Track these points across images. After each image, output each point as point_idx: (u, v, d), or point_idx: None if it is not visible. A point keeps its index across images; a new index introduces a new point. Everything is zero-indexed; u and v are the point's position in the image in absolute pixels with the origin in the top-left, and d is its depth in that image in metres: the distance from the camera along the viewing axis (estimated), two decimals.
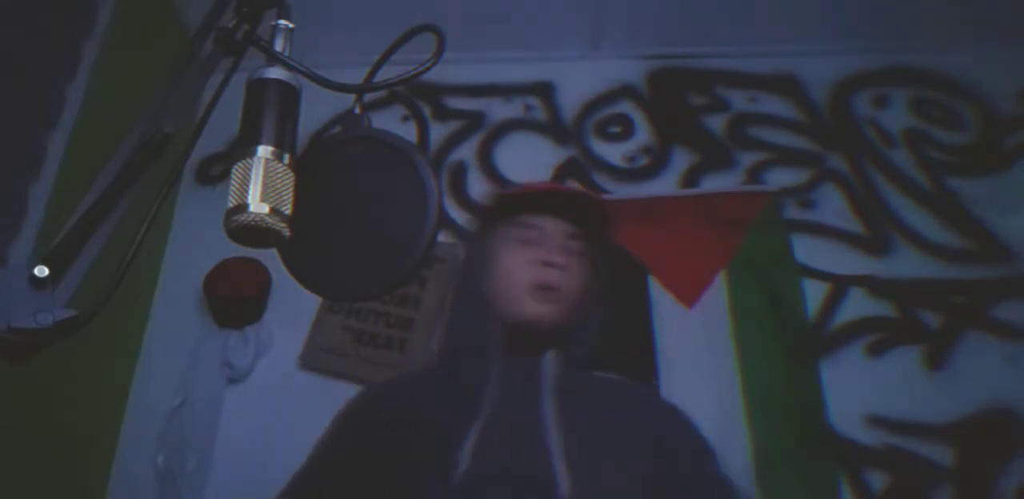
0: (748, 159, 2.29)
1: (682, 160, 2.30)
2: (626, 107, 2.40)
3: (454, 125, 2.39)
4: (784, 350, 1.97)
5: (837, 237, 2.16)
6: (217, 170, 2.36)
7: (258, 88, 0.69)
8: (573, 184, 2.26)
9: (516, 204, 1.24)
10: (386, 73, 0.77)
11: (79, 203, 0.67)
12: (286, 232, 0.64)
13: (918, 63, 2.36)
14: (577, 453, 1.01)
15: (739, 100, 2.38)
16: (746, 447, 1.86)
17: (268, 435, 1.89)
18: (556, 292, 1.15)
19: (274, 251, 0.72)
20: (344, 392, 1.27)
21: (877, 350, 2.01)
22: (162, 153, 0.69)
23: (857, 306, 2.06)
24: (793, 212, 2.19)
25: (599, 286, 1.24)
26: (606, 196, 2.23)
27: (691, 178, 2.27)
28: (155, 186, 0.69)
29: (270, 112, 0.68)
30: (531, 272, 1.16)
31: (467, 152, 2.35)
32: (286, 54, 0.72)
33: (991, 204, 2.15)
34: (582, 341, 1.20)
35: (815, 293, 2.07)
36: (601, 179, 2.28)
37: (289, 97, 0.70)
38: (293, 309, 2.07)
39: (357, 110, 0.80)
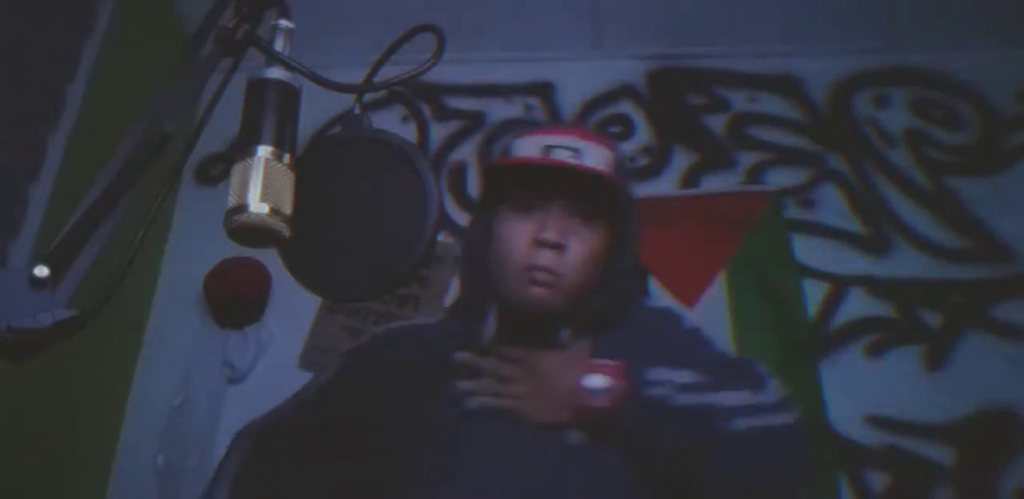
0: (748, 159, 2.28)
1: (682, 160, 2.30)
2: (626, 107, 2.39)
3: (454, 125, 2.39)
4: (784, 350, 1.97)
5: (837, 237, 2.16)
6: (217, 170, 2.36)
7: (258, 88, 0.69)
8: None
9: (516, 172, 1.10)
10: (386, 73, 0.77)
11: (79, 203, 0.67)
12: (286, 232, 0.64)
13: (918, 63, 2.35)
14: None
15: (739, 100, 2.38)
16: None
17: None
18: (550, 274, 1.03)
19: (274, 251, 0.73)
20: None
21: (877, 350, 2.01)
22: (162, 153, 0.69)
23: (857, 306, 2.07)
24: (793, 212, 2.19)
25: (622, 251, 1.14)
26: None
27: (691, 178, 2.27)
28: (155, 186, 0.69)
29: (270, 112, 0.68)
30: (524, 251, 1.04)
31: (467, 152, 2.35)
32: (286, 54, 0.72)
33: (991, 204, 2.15)
34: (600, 313, 1.09)
35: (815, 293, 2.07)
36: None
37: (289, 97, 0.70)
38: (293, 309, 2.07)
39: (357, 110, 0.80)
